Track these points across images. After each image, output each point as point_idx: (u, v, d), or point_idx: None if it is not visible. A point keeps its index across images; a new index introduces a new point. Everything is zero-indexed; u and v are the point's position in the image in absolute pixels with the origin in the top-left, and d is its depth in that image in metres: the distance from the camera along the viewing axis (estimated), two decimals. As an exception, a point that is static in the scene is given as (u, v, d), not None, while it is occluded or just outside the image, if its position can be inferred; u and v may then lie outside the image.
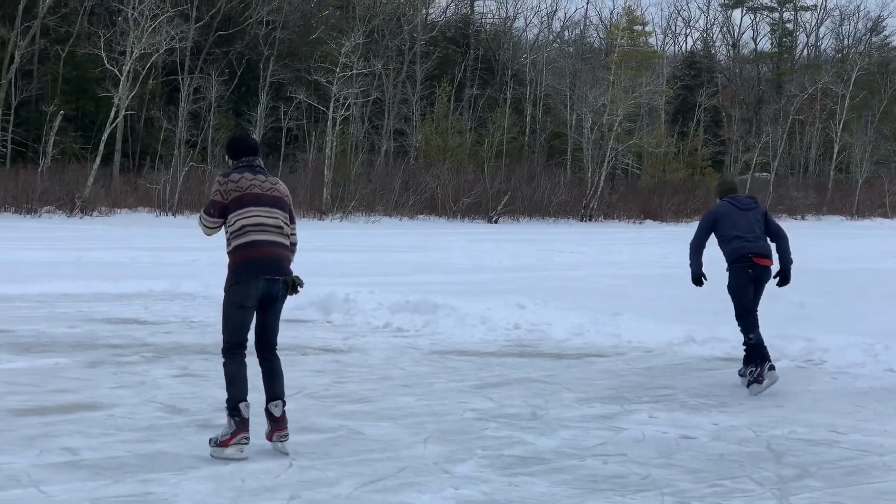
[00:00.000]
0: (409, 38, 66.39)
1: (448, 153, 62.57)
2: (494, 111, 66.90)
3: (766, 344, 10.23)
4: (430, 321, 14.00)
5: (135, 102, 52.15)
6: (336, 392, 9.57)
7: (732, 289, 10.40)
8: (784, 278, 10.52)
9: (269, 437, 7.23)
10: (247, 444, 7.06)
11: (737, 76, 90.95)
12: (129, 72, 48.96)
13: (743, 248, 10.26)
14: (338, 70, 55.19)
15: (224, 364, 7.27)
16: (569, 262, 28.13)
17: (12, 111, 51.03)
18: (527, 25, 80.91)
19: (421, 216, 56.06)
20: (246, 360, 7.28)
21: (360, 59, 56.55)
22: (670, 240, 38.41)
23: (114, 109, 48.94)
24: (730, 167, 77.71)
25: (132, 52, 48.85)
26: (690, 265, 10.60)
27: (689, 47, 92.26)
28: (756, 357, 10.14)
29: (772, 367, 10.09)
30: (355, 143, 61.60)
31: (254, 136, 6.68)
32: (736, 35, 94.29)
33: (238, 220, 7.18)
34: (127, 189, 50.58)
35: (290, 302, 15.45)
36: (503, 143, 66.45)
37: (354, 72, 55.79)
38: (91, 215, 45.23)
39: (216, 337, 12.53)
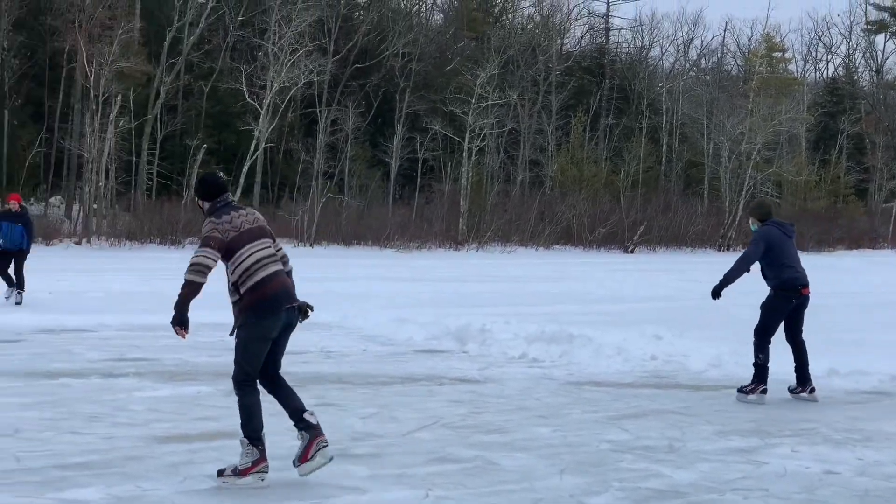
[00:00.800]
0: (544, 69, 66.39)
1: (584, 183, 62.31)
2: (630, 140, 66.45)
3: (770, 367, 11.14)
4: (566, 352, 13.94)
5: (274, 135, 53.22)
6: (472, 422, 9.57)
7: (770, 310, 11.19)
8: None
9: (307, 452, 7.22)
10: (267, 472, 7.18)
11: (881, 102, 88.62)
12: (268, 105, 50.02)
13: (796, 280, 11.09)
14: (473, 101, 55.53)
15: (242, 397, 7.33)
16: (706, 292, 27.68)
17: (158, 145, 52.52)
18: (663, 54, 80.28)
19: (557, 246, 55.91)
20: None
21: (496, 89, 56.80)
22: (814, 269, 37.54)
23: (254, 142, 50.02)
24: (874, 195, 75.83)
25: (272, 86, 49.90)
26: (726, 279, 11.26)
27: (830, 73, 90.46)
28: (761, 376, 11.12)
29: (764, 391, 11.06)
30: (491, 173, 61.75)
31: (221, 175, 6.99)
32: (879, 60, 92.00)
33: (244, 260, 7.38)
34: (266, 220, 51.43)
35: (425, 332, 15.59)
36: (639, 172, 65.93)
37: (490, 102, 56.06)
38: (232, 246, 46.08)
39: (354, 367, 12.73)
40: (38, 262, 32.05)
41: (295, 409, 7.37)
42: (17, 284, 19.23)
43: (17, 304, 18.85)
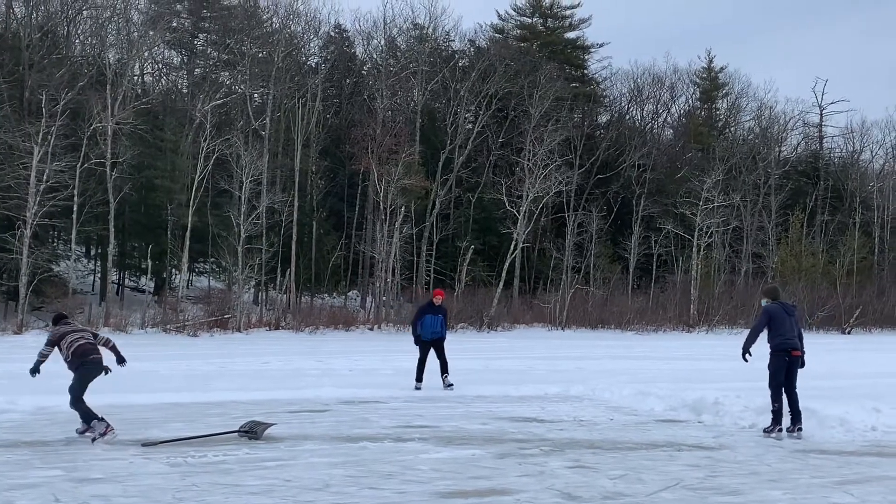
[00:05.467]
0: (763, 173, 64.72)
1: (802, 272, 60.02)
2: (844, 234, 63.80)
3: (784, 413, 12.79)
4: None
5: (530, 236, 53.69)
6: (710, 485, 9.28)
7: (773, 368, 12.95)
8: (801, 363, 13.17)
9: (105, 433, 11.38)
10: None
11: None
12: (525, 212, 50.57)
13: (785, 344, 12.96)
14: (700, 203, 54.62)
15: (76, 406, 11.46)
16: (921, 369, 26.08)
17: (434, 247, 53.82)
18: (872, 157, 76.59)
19: (778, 328, 53.77)
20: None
21: (721, 193, 55.81)
22: None
23: (513, 243, 50.60)
24: None
25: (527, 195, 50.45)
26: (745, 345, 12.83)
27: None
28: (777, 420, 12.80)
29: (780, 430, 12.77)
30: (717, 265, 60.30)
31: (65, 312, 13.61)
32: None
33: (68, 343, 11.76)
34: (524, 308, 51.74)
35: (665, 404, 15.21)
36: (853, 262, 63.06)
37: (715, 204, 55.07)
38: (496, 330, 46.54)
39: (603, 434, 12.58)
40: (339, 345, 33.35)
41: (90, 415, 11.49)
42: (443, 368, 18.35)
43: (449, 385, 18.07)
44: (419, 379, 18.15)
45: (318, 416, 14.06)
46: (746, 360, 12.88)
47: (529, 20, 71.40)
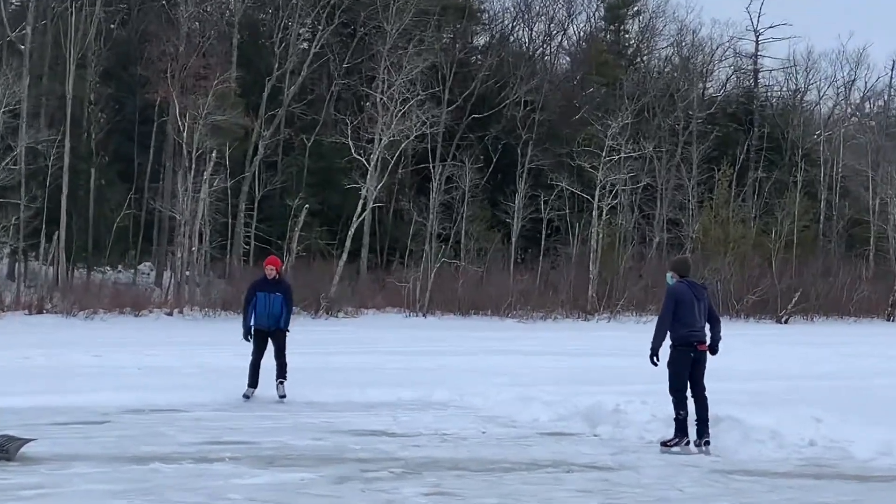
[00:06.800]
0: (683, 117, 66.06)
1: (729, 244, 61.50)
2: (783, 196, 65.50)
3: (689, 422, 13.39)
4: (712, 435, 13.75)
5: (383, 194, 53.71)
6: (605, 515, 9.52)
7: (675, 367, 13.49)
8: (713, 350, 13.92)
9: None
10: None
11: None
12: (377, 161, 50.55)
13: (691, 337, 13.51)
14: (604, 154, 55.48)
15: None
16: (874, 368, 27.17)
17: (256, 206, 53.33)
18: (820, 98, 79.08)
19: (699, 316, 55.16)
20: None
21: (629, 141, 56.69)
22: None
23: (361, 202, 50.54)
24: None
25: (380, 139, 50.43)
26: (655, 341, 13.39)
27: None
28: (681, 430, 13.40)
29: (688, 443, 13.37)
30: (624, 234, 61.36)
31: None
32: None
33: None
34: (374, 288, 51.83)
35: (552, 412, 15.53)
36: (794, 232, 64.86)
37: (622, 155, 55.94)
38: (337, 316, 46.49)
39: (473, 451, 12.76)
40: (125, 335, 32.84)
41: None
42: (280, 372, 17.70)
43: (281, 397, 17.42)
44: (252, 384, 17.65)
45: (93, 430, 13.89)
46: (655, 364, 13.45)
47: None
